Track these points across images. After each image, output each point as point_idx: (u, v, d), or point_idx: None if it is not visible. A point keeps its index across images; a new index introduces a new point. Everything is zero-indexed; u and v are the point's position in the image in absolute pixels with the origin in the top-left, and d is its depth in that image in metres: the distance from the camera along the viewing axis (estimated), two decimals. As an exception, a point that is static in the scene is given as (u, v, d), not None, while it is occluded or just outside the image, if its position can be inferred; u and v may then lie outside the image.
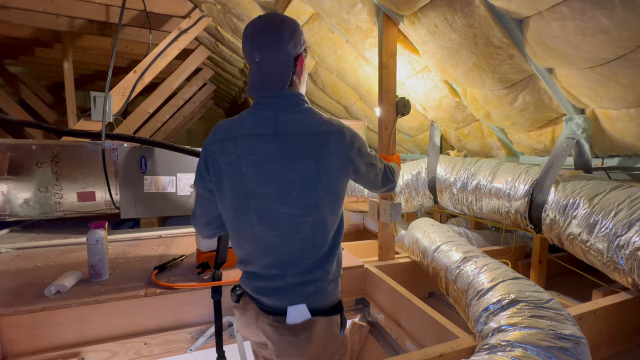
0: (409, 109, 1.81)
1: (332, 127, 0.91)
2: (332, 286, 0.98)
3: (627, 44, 1.07)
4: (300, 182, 0.89)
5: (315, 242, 0.93)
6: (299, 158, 0.88)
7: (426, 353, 1.01)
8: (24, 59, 4.68)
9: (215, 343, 1.32)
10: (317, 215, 0.91)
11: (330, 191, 0.92)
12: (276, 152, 0.89)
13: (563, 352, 0.85)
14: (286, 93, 0.92)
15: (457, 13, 1.39)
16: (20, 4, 2.89)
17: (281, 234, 0.92)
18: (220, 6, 2.88)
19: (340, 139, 0.91)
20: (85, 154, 2.26)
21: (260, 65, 0.88)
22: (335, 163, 0.90)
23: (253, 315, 0.98)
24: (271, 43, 0.87)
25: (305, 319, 0.92)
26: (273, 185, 0.90)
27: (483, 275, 1.25)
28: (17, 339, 1.16)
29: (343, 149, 0.91)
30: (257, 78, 0.90)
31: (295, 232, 0.92)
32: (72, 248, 1.91)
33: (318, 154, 0.88)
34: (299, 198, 0.89)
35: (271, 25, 0.88)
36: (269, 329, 0.94)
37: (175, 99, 5.12)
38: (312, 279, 0.94)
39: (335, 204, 0.95)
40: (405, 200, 2.44)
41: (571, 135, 1.56)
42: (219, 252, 1.50)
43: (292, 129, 0.90)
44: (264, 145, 0.90)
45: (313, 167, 0.88)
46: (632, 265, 1.19)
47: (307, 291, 0.94)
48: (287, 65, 0.90)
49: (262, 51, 0.87)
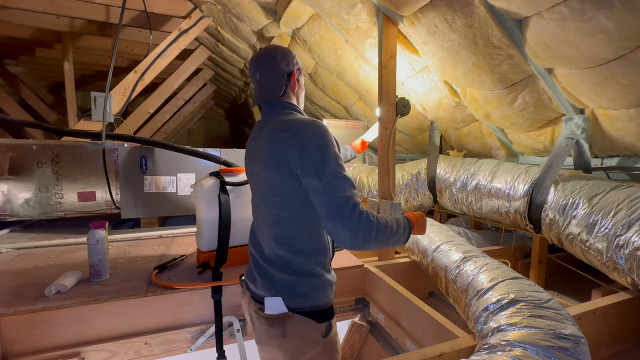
0: (408, 109, 1.81)
1: (285, 124, 0.99)
2: (301, 290, 0.98)
3: (627, 44, 1.07)
4: (257, 175, 1.06)
5: (269, 232, 1.02)
6: (256, 154, 1.06)
7: (426, 353, 1.01)
8: (25, 59, 4.69)
9: (216, 343, 1.33)
10: (266, 206, 1.04)
11: (271, 184, 1.00)
12: (252, 151, 1.11)
13: (563, 352, 0.85)
14: (275, 101, 1.09)
15: (456, 13, 1.39)
16: (20, 4, 2.90)
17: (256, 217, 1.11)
18: (220, 6, 2.89)
19: (283, 133, 0.96)
20: (85, 154, 2.26)
21: (260, 82, 1.08)
22: (274, 157, 0.97)
23: (247, 300, 1.11)
24: (267, 64, 1.07)
25: (280, 312, 0.97)
26: (251, 177, 1.13)
27: (483, 275, 1.26)
28: (17, 338, 1.17)
29: (282, 143, 0.95)
30: (258, 92, 1.10)
31: (261, 217, 1.07)
32: (73, 248, 1.91)
33: (264, 150, 1.00)
34: (259, 189, 1.07)
35: (268, 52, 1.09)
36: (254, 316, 1.05)
37: (176, 99, 5.13)
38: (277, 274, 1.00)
39: (279, 198, 0.99)
40: (405, 200, 2.44)
41: (571, 135, 1.56)
42: (219, 252, 1.51)
43: (264, 131, 1.05)
44: (252, 145, 1.12)
45: (261, 161, 1.02)
46: (631, 265, 1.19)
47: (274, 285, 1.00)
48: (281, 79, 1.07)
49: (260, 71, 1.07)
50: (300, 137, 0.94)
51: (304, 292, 0.99)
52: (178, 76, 3.90)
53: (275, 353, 1.00)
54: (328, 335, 0.99)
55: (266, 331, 0.99)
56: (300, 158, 0.92)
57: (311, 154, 0.92)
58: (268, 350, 1.02)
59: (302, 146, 0.92)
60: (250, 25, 2.81)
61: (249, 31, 2.94)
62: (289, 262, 0.99)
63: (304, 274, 0.99)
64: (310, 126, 0.96)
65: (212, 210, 1.49)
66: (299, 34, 2.48)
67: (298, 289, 0.99)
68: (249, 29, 2.91)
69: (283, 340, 0.97)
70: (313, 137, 0.94)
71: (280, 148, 0.95)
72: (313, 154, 0.92)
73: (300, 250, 1.00)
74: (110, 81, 2.37)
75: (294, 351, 0.97)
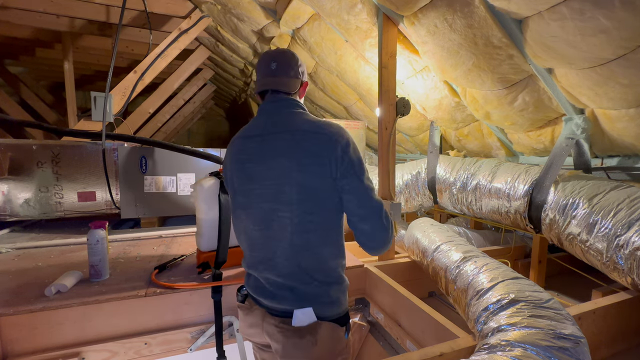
0: (408, 109, 1.81)
1: (313, 125, 0.95)
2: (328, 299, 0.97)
3: (627, 44, 1.07)
4: (278, 179, 0.94)
5: (294, 243, 0.94)
6: (276, 156, 0.95)
7: (426, 353, 1.01)
8: (25, 59, 4.69)
9: (216, 343, 1.33)
10: (293, 213, 0.93)
11: (305, 188, 0.92)
12: (259, 152, 0.98)
13: (563, 352, 0.85)
14: (283, 97, 1.02)
15: (456, 13, 1.39)
16: (20, 4, 2.90)
17: (267, 230, 0.97)
18: (220, 6, 2.89)
19: (318, 135, 0.93)
20: (85, 154, 2.26)
21: (276, 71, 1.00)
22: (309, 160, 0.92)
23: (259, 315, 1.01)
24: (287, 60, 1.02)
25: (311, 321, 0.94)
26: (255, 182, 0.98)
27: (483, 275, 1.26)
28: (17, 339, 1.16)
29: (319, 144, 0.92)
30: (271, 80, 1.00)
31: (279, 229, 0.95)
32: (73, 248, 1.91)
33: (292, 151, 0.93)
34: (278, 194, 0.94)
35: (288, 51, 1.04)
36: (275, 330, 0.96)
37: (176, 99, 5.12)
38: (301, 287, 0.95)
39: (311, 203, 0.93)
40: (405, 200, 2.44)
41: (571, 135, 1.56)
42: (219, 252, 1.50)
43: (277, 129, 0.97)
44: (252, 145, 1.00)
45: (287, 164, 0.93)
46: (631, 265, 1.19)
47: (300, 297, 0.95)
48: (296, 80, 1.03)
49: (279, 62, 1.00)
50: (338, 138, 0.93)
51: (333, 300, 0.97)
52: (178, 76, 3.90)
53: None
54: (348, 335, 1.02)
55: (295, 344, 0.93)
56: (342, 159, 0.92)
57: (351, 156, 0.93)
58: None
59: (342, 148, 0.92)
60: (250, 25, 2.81)
61: (249, 31, 2.94)
62: (314, 273, 0.96)
63: (331, 282, 0.98)
64: (342, 129, 0.96)
65: (212, 210, 1.49)
66: (299, 34, 2.48)
67: (327, 297, 0.97)
68: (249, 29, 2.90)
69: (315, 348, 0.93)
70: (349, 139, 0.95)
71: (318, 149, 0.91)
72: (353, 156, 0.94)
73: (328, 257, 0.98)
74: (110, 81, 2.37)
75: (326, 357, 0.96)
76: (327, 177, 0.92)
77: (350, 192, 0.93)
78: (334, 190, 0.94)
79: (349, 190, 0.93)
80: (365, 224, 0.94)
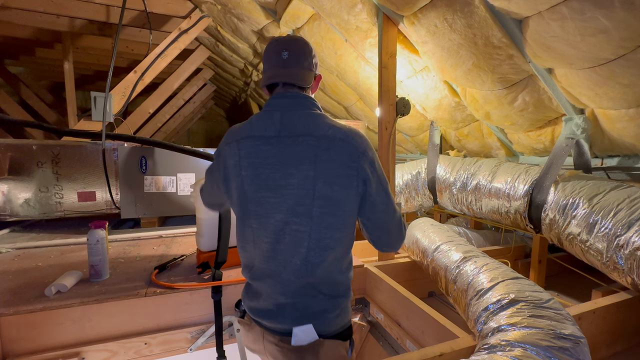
0: (408, 109, 1.81)
1: (339, 132, 0.86)
2: (333, 313, 0.90)
3: (627, 44, 1.07)
4: (297, 189, 0.84)
5: (308, 261, 0.86)
6: (298, 163, 0.84)
7: (426, 353, 1.01)
8: (25, 59, 4.69)
9: (216, 343, 1.33)
10: (312, 228, 0.84)
11: (329, 202, 0.84)
12: (277, 156, 0.86)
13: (563, 352, 0.85)
14: (298, 94, 0.91)
15: (456, 13, 1.39)
16: (20, 4, 2.90)
17: (277, 243, 0.88)
18: (220, 6, 2.89)
19: (345, 144, 0.84)
20: (85, 154, 2.26)
21: (287, 62, 0.88)
22: (336, 171, 0.83)
23: (259, 332, 0.96)
24: (301, 48, 0.90)
25: (311, 340, 0.87)
26: (271, 190, 0.87)
27: (483, 275, 1.26)
28: (17, 339, 1.16)
29: (348, 155, 0.84)
30: (281, 71, 0.89)
31: (292, 243, 0.86)
32: (73, 248, 1.91)
33: (317, 159, 0.83)
34: (295, 206, 0.85)
35: (300, 39, 0.93)
36: (275, 349, 0.91)
37: (176, 99, 5.12)
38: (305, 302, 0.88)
39: (334, 218, 0.85)
40: (405, 200, 2.44)
41: (571, 135, 1.56)
42: (219, 252, 1.50)
43: (296, 131, 0.86)
44: (266, 148, 0.87)
45: (311, 173, 0.83)
46: (631, 265, 1.19)
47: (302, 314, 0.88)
48: (310, 73, 0.92)
49: (291, 51, 0.88)
50: (367, 149, 0.86)
51: (337, 314, 0.91)
52: (178, 76, 3.90)
53: None
54: (351, 352, 0.95)
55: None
56: (371, 171, 0.86)
57: (377, 165, 0.88)
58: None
59: (370, 162, 0.86)
60: (250, 25, 2.81)
61: (249, 31, 2.94)
62: (321, 287, 0.89)
63: (337, 295, 0.91)
64: (364, 136, 0.89)
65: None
66: (299, 34, 2.49)
67: (331, 312, 0.90)
68: (249, 29, 2.90)
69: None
70: (374, 150, 0.90)
71: (346, 159, 0.83)
72: (377, 165, 0.89)
73: (338, 272, 0.91)
74: (110, 81, 2.37)
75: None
76: (352, 190, 0.85)
77: (378, 204, 0.88)
78: (356, 205, 0.87)
79: (376, 203, 0.88)
80: (388, 237, 0.94)
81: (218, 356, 1.32)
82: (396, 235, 0.94)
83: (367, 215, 0.90)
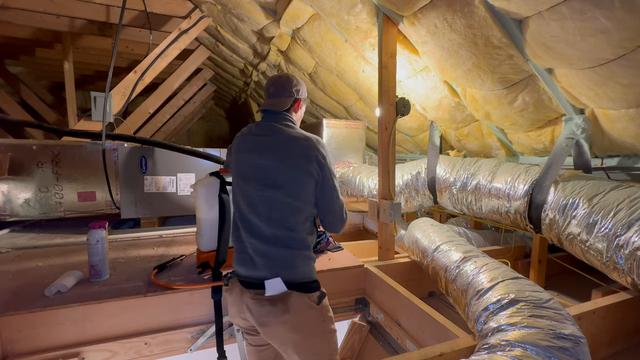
0: (408, 109, 1.81)
1: (302, 134, 1.23)
2: (301, 263, 1.15)
3: (627, 44, 1.07)
4: (267, 167, 1.20)
5: (272, 218, 1.15)
6: (269, 150, 1.21)
7: (426, 353, 1.01)
8: (25, 59, 4.69)
9: (216, 343, 1.33)
10: (278, 195, 1.16)
11: (290, 177, 1.17)
12: (258, 146, 1.23)
13: (562, 352, 0.85)
14: (279, 113, 1.29)
15: (456, 13, 1.39)
16: (20, 5, 2.90)
17: (254, 206, 1.17)
18: (220, 6, 2.89)
19: (305, 141, 1.20)
20: (85, 154, 2.26)
21: (272, 94, 1.30)
22: (296, 158, 1.18)
23: (238, 292, 1.15)
24: (282, 84, 1.30)
25: (281, 291, 1.10)
26: (251, 167, 1.22)
27: (483, 275, 1.26)
28: (17, 339, 1.17)
29: (307, 148, 1.19)
30: (268, 101, 1.31)
31: (263, 206, 1.17)
32: (73, 248, 1.91)
33: (284, 150, 1.19)
34: (264, 178, 1.19)
35: (286, 75, 1.33)
36: (251, 302, 1.11)
37: (176, 99, 5.12)
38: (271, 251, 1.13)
39: (293, 190, 1.17)
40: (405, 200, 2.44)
41: (571, 135, 1.56)
42: (219, 252, 1.50)
43: (274, 133, 1.24)
44: (255, 139, 1.26)
45: (278, 156, 1.19)
46: (631, 265, 1.19)
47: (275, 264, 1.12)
48: (289, 99, 1.30)
49: (275, 87, 1.30)
50: (321, 146, 1.22)
51: (299, 264, 1.15)
52: (178, 76, 3.90)
53: (281, 331, 1.09)
54: (321, 302, 1.15)
55: (269, 311, 1.08)
56: (324, 162, 1.19)
57: (328, 160, 1.22)
58: (273, 329, 1.10)
59: (323, 155, 1.21)
60: (250, 25, 2.81)
61: (249, 31, 2.94)
62: (287, 240, 1.15)
63: (299, 248, 1.16)
64: (322, 140, 1.25)
65: (212, 210, 1.49)
66: (299, 34, 2.48)
67: (294, 262, 1.14)
68: (249, 29, 2.91)
69: (287, 315, 1.08)
70: (326, 148, 1.24)
71: (307, 152, 1.18)
72: (328, 160, 1.22)
73: (298, 231, 1.17)
74: (110, 81, 2.37)
75: (298, 323, 1.09)
76: (308, 173, 1.17)
77: (325, 188, 1.20)
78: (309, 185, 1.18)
79: (324, 188, 1.20)
80: (330, 216, 1.24)
81: (218, 356, 1.32)
82: (339, 215, 1.24)
83: (318, 196, 1.21)
